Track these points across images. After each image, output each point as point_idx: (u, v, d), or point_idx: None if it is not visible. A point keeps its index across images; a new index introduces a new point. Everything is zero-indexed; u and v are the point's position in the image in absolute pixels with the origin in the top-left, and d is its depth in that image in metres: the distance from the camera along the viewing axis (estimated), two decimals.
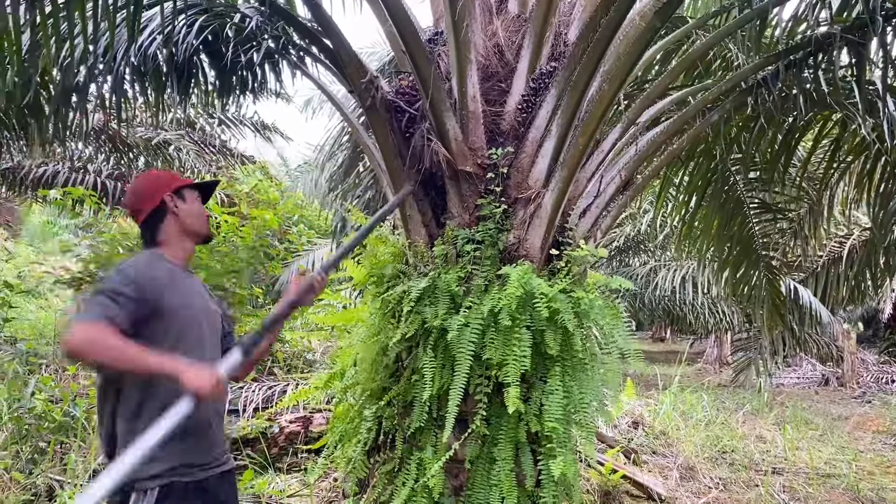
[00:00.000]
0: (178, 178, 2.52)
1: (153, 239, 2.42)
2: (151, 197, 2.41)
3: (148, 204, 2.40)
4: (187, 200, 2.47)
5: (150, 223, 2.42)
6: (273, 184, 11.39)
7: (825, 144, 5.61)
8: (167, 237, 2.42)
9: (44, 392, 5.27)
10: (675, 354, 16.55)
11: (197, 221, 2.48)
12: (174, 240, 2.43)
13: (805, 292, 10.74)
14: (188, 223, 2.45)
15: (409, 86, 3.80)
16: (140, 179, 2.55)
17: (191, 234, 2.48)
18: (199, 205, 2.51)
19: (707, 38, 4.37)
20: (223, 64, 4.47)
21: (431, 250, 3.64)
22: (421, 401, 3.36)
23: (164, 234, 2.42)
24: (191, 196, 2.49)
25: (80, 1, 3.34)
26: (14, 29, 3.43)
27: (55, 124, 5.21)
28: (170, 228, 2.42)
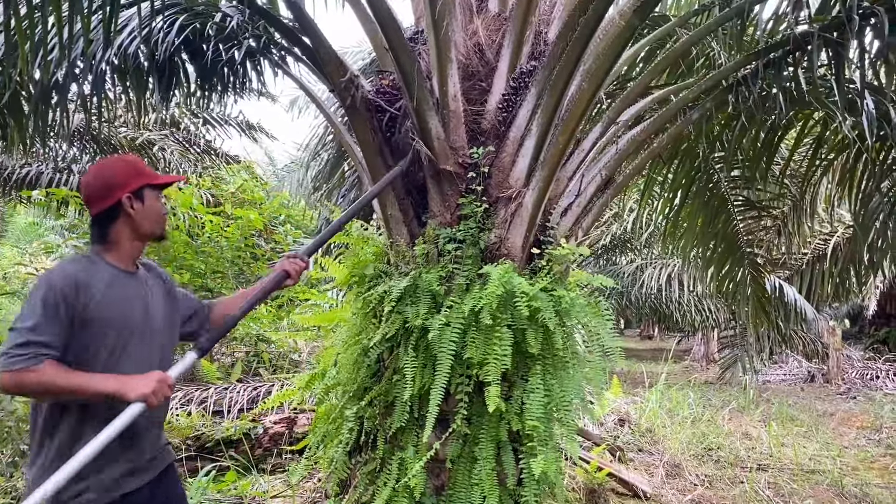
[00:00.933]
0: (142, 172, 2.30)
1: (101, 237, 2.26)
2: (107, 194, 2.23)
3: (102, 202, 2.23)
4: (146, 201, 2.28)
5: (102, 221, 2.25)
6: (258, 183, 11.33)
7: (807, 142, 5.64)
8: (116, 238, 2.26)
9: None
10: (663, 352, 16.61)
11: (153, 225, 2.32)
12: (123, 241, 2.27)
13: (790, 289, 10.80)
14: (143, 226, 2.29)
15: (390, 85, 3.80)
16: (101, 168, 2.30)
17: (143, 237, 2.32)
18: (158, 205, 2.33)
19: (687, 36, 4.37)
20: (204, 62, 4.46)
21: (413, 249, 3.63)
22: (402, 400, 3.35)
23: (114, 235, 2.26)
24: (150, 196, 2.30)
25: (56, 1, 3.31)
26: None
27: (35, 124, 5.15)
28: (121, 230, 2.26)
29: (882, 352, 15.87)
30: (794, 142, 5.58)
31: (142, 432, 2.26)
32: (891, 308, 17.05)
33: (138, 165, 2.34)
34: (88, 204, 2.26)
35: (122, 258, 2.28)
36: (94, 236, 2.28)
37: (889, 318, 17.10)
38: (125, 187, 2.24)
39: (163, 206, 2.38)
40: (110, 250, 2.27)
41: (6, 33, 3.45)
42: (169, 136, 11.38)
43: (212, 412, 6.20)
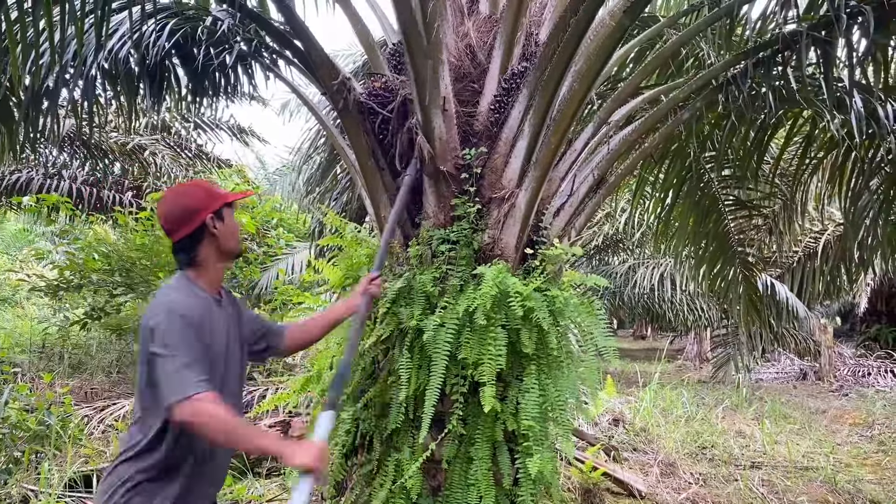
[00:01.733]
0: (218, 194, 2.35)
1: (190, 262, 2.29)
2: (191, 219, 2.26)
3: (187, 226, 2.26)
4: (226, 220, 2.34)
5: (188, 244, 2.28)
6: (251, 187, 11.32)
7: (797, 141, 5.68)
8: (204, 260, 2.30)
9: (18, 401, 5.20)
10: (656, 352, 16.66)
11: (233, 241, 2.39)
12: (210, 263, 2.32)
13: (782, 288, 10.86)
14: (226, 245, 2.35)
15: (382, 87, 3.81)
16: (177, 195, 2.35)
17: (227, 256, 2.39)
18: (235, 223, 2.40)
19: (677, 36, 4.40)
20: (195, 66, 4.45)
21: (406, 251, 3.64)
22: (398, 402, 3.35)
23: (202, 256, 2.30)
24: (228, 214, 2.36)
25: (47, 6, 3.30)
26: None
27: (26, 130, 5.14)
28: (208, 251, 2.30)
29: (873, 349, 15.96)
30: (784, 140, 5.62)
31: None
32: (881, 305, 17.15)
33: (212, 189, 2.37)
34: (171, 233, 2.28)
35: (211, 283, 2.33)
36: (182, 262, 2.31)
37: (880, 315, 17.21)
38: (208, 209, 2.29)
39: (237, 224, 2.44)
40: (201, 275, 2.31)
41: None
42: (160, 141, 11.35)
43: None
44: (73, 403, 5.57)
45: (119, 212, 8.45)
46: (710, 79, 4.11)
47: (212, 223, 2.28)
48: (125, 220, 8.03)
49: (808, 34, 3.60)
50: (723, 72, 4.09)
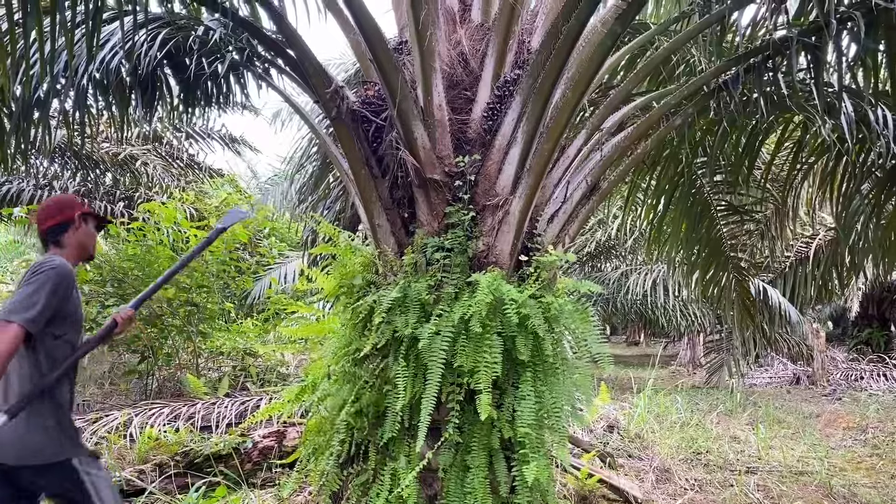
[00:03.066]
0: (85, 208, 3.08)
1: (56, 243, 2.94)
2: (66, 211, 2.98)
3: (61, 216, 2.96)
4: (88, 224, 3.05)
5: (57, 230, 2.94)
6: (243, 196, 11.30)
7: (788, 146, 5.71)
8: (67, 245, 2.95)
9: None
10: (650, 358, 16.67)
11: (90, 241, 3.05)
12: (72, 249, 2.96)
13: (774, 292, 10.89)
14: (83, 240, 3.01)
15: (375, 95, 3.81)
16: (57, 198, 3.10)
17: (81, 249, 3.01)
18: (92, 231, 3.09)
19: (669, 43, 4.42)
20: (187, 76, 4.45)
21: (401, 259, 3.63)
22: (394, 411, 3.34)
23: (66, 242, 2.95)
24: (91, 222, 3.08)
25: (38, 17, 3.29)
26: None
27: (17, 141, 5.11)
28: (70, 239, 2.96)
29: (865, 353, 16.02)
30: (775, 146, 5.65)
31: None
32: (872, 309, 17.22)
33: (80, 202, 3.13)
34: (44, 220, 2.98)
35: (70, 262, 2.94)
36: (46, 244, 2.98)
37: (871, 319, 17.27)
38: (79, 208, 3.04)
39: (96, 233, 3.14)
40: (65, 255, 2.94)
41: None
42: (152, 151, 11.32)
43: (200, 427, 6.16)
44: None
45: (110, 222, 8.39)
46: (702, 85, 4.13)
47: (79, 220, 2.99)
48: (117, 231, 7.99)
49: (799, 39, 3.62)
50: (714, 77, 4.11)
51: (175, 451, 5.27)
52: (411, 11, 3.43)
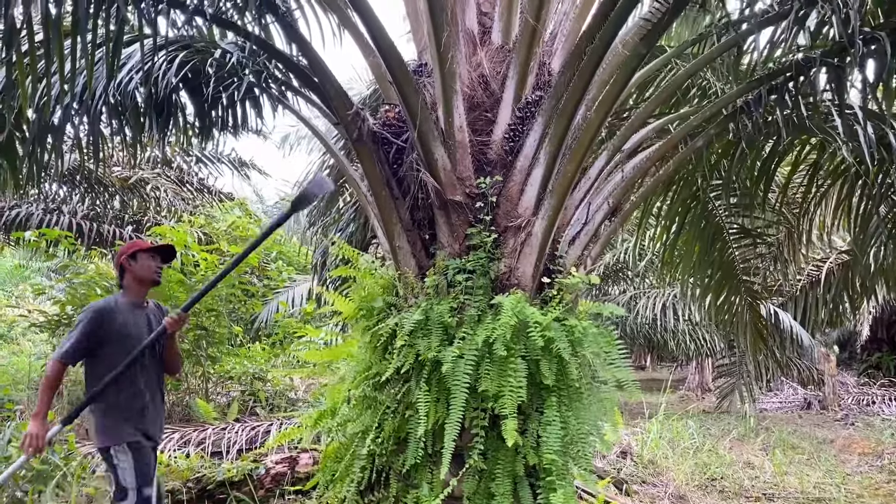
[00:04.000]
0: (138, 245, 3.70)
1: (120, 286, 3.71)
2: (118, 260, 3.68)
3: (117, 266, 3.70)
4: (138, 261, 3.63)
5: (119, 277, 3.70)
6: (252, 220, 11.29)
7: (803, 169, 5.68)
8: (127, 287, 3.67)
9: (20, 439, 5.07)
10: (656, 382, 16.53)
11: (145, 273, 3.63)
12: (132, 288, 3.65)
13: (785, 316, 10.81)
14: (139, 273, 3.63)
15: (396, 117, 3.79)
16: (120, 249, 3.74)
17: (140, 283, 3.66)
18: (150, 262, 3.65)
19: (687, 66, 4.41)
20: (204, 100, 4.44)
21: (422, 281, 3.60)
22: (416, 436, 3.28)
23: (126, 284, 3.67)
24: (142, 257, 3.64)
25: (59, 41, 3.29)
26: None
27: (30, 165, 5.10)
28: (128, 281, 3.66)
29: (876, 377, 15.86)
30: (791, 168, 5.62)
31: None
32: (882, 333, 17.08)
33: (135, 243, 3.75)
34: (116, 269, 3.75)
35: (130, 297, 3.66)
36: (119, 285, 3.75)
37: (881, 343, 17.13)
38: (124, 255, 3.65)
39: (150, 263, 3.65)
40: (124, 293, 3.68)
41: (7, 70, 3.41)
42: (162, 175, 11.33)
43: (210, 453, 6.07)
44: (75, 441, 5.46)
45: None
46: (722, 107, 4.11)
47: (126, 263, 3.63)
48: None
49: (822, 60, 3.61)
50: (735, 99, 4.09)
51: (187, 476, 5.19)
52: (432, 34, 3.43)
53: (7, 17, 3.02)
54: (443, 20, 3.37)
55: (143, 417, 3.53)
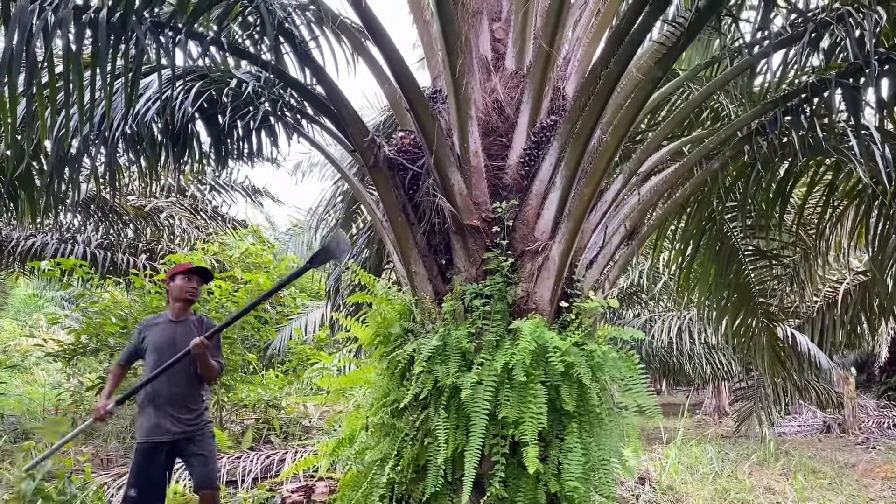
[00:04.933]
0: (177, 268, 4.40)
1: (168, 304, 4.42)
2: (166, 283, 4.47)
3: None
4: (176, 281, 4.33)
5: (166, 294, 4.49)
6: (266, 247, 11.33)
7: (819, 189, 5.65)
8: (171, 304, 4.38)
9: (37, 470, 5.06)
10: (673, 407, 16.35)
11: (179, 293, 4.31)
12: (173, 305, 4.36)
13: (802, 338, 10.70)
14: (174, 294, 4.34)
15: (411, 143, 3.81)
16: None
17: (177, 301, 4.33)
18: (182, 283, 4.31)
19: (700, 90, 4.41)
20: (220, 129, 4.48)
21: (439, 306, 3.58)
22: (436, 464, 3.24)
23: (170, 303, 4.40)
24: (179, 279, 4.33)
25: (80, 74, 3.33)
26: (10, 100, 3.40)
27: (47, 196, 5.15)
28: (171, 299, 4.38)
29: (895, 399, 15.64)
30: (807, 189, 5.59)
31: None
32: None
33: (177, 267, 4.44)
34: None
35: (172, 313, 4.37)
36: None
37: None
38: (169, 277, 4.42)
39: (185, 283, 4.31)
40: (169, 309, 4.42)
41: (27, 103, 3.46)
42: (176, 203, 11.41)
43: (225, 482, 6.03)
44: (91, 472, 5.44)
45: (135, 274, 8.42)
46: (738, 129, 4.11)
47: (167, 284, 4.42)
48: (141, 283, 7.99)
49: (837, 82, 3.60)
50: (751, 122, 4.09)
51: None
52: (447, 61, 3.45)
53: (29, 52, 3.06)
54: (457, 47, 3.39)
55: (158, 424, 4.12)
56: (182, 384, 4.19)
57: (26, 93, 3.35)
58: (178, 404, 4.17)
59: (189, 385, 4.21)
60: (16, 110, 3.56)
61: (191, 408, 4.22)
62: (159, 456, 4.12)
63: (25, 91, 3.32)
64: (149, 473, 4.08)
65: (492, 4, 4.00)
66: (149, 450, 4.11)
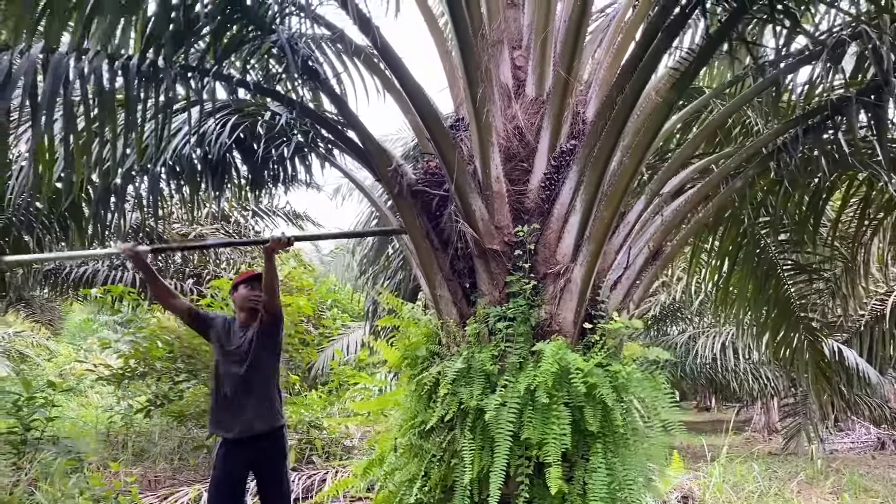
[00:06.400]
0: (239, 278, 4.44)
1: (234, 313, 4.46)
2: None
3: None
4: (240, 291, 4.34)
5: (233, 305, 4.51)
6: (306, 270, 11.54)
7: (854, 203, 5.58)
8: (237, 312, 4.38)
9: (87, 491, 5.28)
10: (722, 424, 16.05)
11: (242, 303, 4.32)
12: (240, 314, 4.34)
13: (850, 353, 10.45)
14: (238, 304, 4.35)
15: (437, 167, 3.91)
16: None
17: (241, 310, 4.32)
18: (246, 292, 4.32)
19: (724, 107, 4.43)
20: (255, 159, 4.65)
21: (463, 329, 3.66)
22: (462, 485, 3.30)
23: (235, 310, 4.41)
24: (243, 287, 4.34)
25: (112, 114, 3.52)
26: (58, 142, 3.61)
27: (94, 226, 5.40)
28: (236, 308, 4.39)
29: None
30: (841, 203, 5.53)
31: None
32: None
33: (239, 276, 4.49)
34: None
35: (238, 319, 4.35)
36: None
37: None
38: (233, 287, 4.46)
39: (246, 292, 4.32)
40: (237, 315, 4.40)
41: (65, 145, 3.66)
42: (220, 230, 11.73)
43: None
44: (139, 492, 5.63)
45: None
46: (761, 147, 4.12)
47: (231, 294, 4.47)
48: None
49: (858, 99, 3.60)
50: (773, 140, 4.09)
51: None
52: (468, 90, 3.56)
53: (66, 96, 3.26)
54: (477, 77, 3.50)
55: (222, 419, 4.19)
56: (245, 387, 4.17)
57: (67, 134, 3.55)
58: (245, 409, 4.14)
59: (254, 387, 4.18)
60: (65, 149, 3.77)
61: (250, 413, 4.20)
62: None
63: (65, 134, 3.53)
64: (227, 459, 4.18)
65: (512, 33, 4.10)
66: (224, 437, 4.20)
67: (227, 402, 4.15)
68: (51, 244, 6.92)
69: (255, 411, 4.15)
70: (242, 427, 4.12)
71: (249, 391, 4.15)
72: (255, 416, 4.14)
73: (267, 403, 4.21)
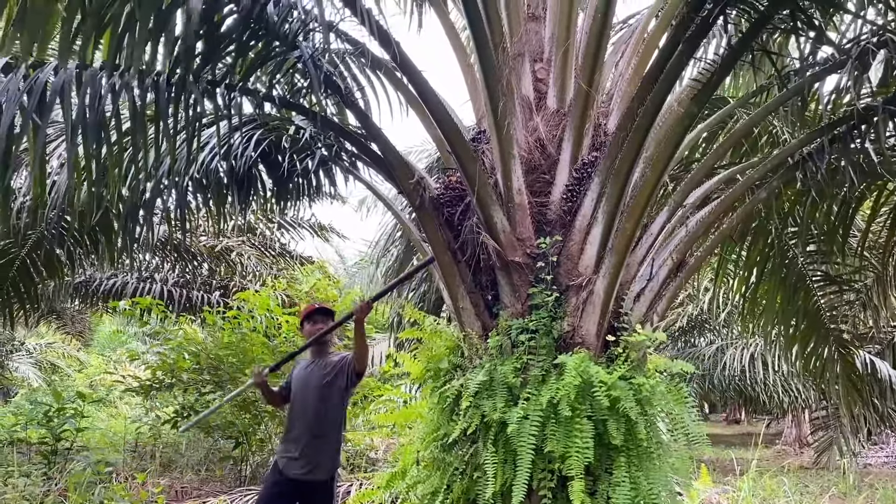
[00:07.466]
0: (307, 311, 4.63)
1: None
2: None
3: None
4: (305, 328, 4.57)
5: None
6: (332, 282, 11.61)
7: (884, 213, 5.49)
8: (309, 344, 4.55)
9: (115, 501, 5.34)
10: (752, 437, 15.81)
11: (309, 336, 4.50)
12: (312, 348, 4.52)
13: (883, 365, 10.24)
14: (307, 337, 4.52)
15: (458, 180, 3.92)
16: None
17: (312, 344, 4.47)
18: (310, 327, 4.51)
19: (749, 116, 4.40)
20: (281, 173, 4.71)
21: (486, 342, 3.66)
22: (484, 498, 3.29)
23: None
24: (307, 324, 4.54)
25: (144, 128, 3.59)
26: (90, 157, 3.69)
27: (124, 239, 5.48)
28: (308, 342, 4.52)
29: None
30: (870, 213, 5.44)
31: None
32: None
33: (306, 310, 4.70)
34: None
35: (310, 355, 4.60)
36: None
37: None
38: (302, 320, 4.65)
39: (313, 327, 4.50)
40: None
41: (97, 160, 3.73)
42: (246, 242, 11.87)
43: None
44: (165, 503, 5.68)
45: (207, 311, 8.78)
46: (786, 157, 4.08)
47: (300, 329, 4.72)
48: (213, 320, 8.32)
49: (885, 108, 3.55)
50: (799, 149, 4.05)
51: None
52: (489, 104, 3.57)
53: (98, 111, 3.33)
54: (498, 91, 3.52)
55: (286, 459, 4.27)
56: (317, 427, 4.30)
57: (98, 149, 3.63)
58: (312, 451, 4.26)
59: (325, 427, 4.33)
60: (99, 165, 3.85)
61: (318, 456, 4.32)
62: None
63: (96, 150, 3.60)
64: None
65: (534, 46, 4.11)
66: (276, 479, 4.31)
67: (295, 439, 4.30)
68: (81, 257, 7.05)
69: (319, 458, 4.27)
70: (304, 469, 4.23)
71: (322, 435, 4.29)
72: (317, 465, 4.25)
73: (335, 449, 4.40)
